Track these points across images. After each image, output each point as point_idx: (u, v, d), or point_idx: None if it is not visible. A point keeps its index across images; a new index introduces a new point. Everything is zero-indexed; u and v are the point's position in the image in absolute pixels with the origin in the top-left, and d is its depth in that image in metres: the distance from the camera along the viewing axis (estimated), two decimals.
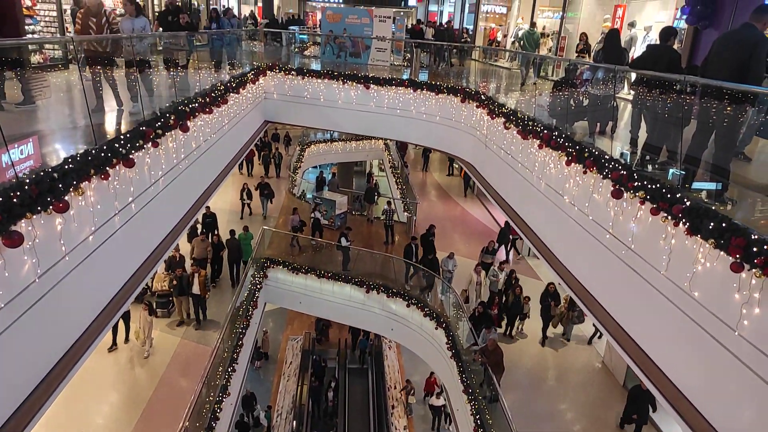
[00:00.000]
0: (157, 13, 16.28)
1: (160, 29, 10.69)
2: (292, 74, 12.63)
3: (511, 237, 19.14)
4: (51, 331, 4.36)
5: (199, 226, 17.00)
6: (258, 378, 16.87)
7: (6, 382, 3.83)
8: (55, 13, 13.09)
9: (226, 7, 23.20)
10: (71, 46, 6.56)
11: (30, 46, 6.98)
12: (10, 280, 3.69)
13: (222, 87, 8.94)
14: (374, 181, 22.63)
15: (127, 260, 5.83)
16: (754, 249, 3.64)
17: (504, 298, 14.59)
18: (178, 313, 13.92)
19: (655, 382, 4.93)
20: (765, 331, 3.67)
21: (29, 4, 10.33)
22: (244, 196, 20.38)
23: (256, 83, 11.83)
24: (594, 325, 6.59)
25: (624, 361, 7.79)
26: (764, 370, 3.63)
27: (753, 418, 3.79)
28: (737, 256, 3.77)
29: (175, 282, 13.59)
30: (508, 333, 14.26)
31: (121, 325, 12.26)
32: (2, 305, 3.59)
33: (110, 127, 6.46)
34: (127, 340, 12.48)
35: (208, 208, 15.16)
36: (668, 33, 6.71)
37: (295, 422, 14.80)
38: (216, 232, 16.76)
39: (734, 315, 3.89)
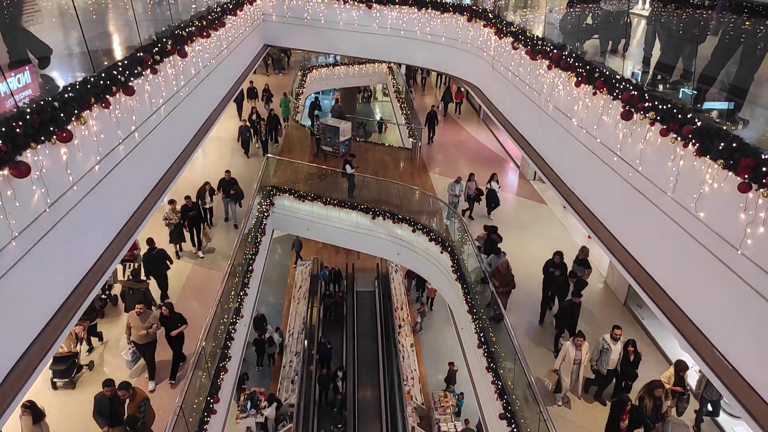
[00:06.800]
0: None
1: None
2: None
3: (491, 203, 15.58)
4: (64, 261, 4.47)
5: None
6: (268, 302, 17.59)
7: (23, 310, 3.98)
8: None
9: None
10: None
11: None
12: (21, 210, 3.73)
13: (218, 9, 8.61)
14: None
15: (135, 189, 5.88)
16: (764, 168, 3.61)
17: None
18: None
19: (655, 299, 5.08)
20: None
21: None
22: (207, 198, 13.38)
23: (254, 4, 11.35)
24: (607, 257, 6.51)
25: (625, 281, 7.98)
26: (765, 287, 3.71)
27: (751, 332, 3.92)
28: (746, 175, 3.75)
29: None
30: None
31: None
32: (17, 233, 3.65)
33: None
34: None
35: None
36: None
37: (306, 341, 15.51)
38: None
39: (738, 235, 3.92)
